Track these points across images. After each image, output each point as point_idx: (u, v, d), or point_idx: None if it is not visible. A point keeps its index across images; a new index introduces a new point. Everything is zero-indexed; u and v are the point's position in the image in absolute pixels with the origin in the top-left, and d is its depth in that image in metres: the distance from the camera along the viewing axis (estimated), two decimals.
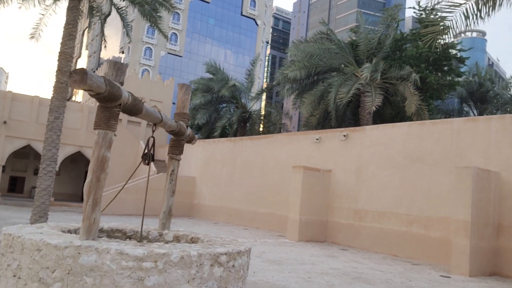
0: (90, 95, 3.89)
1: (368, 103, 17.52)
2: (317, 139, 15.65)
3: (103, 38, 17.62)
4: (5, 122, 22.75)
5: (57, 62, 13.92)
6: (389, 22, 19.75)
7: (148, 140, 5.17)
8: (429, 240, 11.85)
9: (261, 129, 27.67)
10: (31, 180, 28.63)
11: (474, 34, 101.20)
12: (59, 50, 14.00)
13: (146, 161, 5.21)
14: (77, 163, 28.77)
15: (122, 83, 4.21)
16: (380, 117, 20.12)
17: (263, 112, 29.01)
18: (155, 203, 17.31)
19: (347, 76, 18.49)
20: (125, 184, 5.45)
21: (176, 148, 6.03)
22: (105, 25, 18.71)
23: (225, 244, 4.78)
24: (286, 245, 12.73)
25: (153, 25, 15.25)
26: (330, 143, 15.28)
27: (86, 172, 4.16)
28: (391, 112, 20.21)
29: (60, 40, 14.04)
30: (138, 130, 29.26)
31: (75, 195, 28.45)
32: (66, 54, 13.93)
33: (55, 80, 13.92)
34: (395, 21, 19.74)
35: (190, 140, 6.33)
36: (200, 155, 22.37)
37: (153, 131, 5.18)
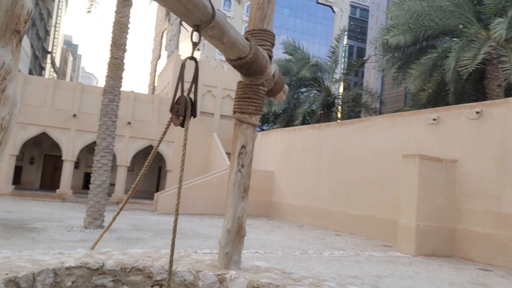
0: None
1: (503, 71, 13.10)
2: (434, 120, 11.84)
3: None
4: (75, 115, 21.69)
5: (111, 34, 11.75)
6: None
7: (182, 67, 2.20)
8: None
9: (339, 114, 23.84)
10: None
11: None
12: (113, 20, 11.81)
13: (180, 118, 2.26)
14: None
15: None
16: (508, 93, 15.47)
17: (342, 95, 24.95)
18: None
19: (469, 38, 14.21)
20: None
21: (250, 101, 2.98)
22: (182, 23, 17.30)
23: None
24: (402, 263, 9.24)
25: None
26: (454, 124, 11.39)
27: (160, 167, 1.55)
28: None
29: (115, 8, 11.83)
30: (211, 122, 27.13)
31: (149, 192, 27.06)
32: (121, 24, 11.66)
33: (109, 56, 11.78)
34: None
35: (277, 89, 3.25)
36: (278, 145, 19.40)
37: (194, 46, 2.19)
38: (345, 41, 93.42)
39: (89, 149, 23.84)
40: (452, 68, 13.76)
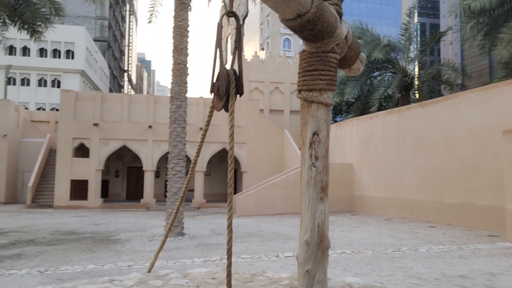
0: None
1: None
2: None
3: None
4: (150, 127, 22.39)
5: (172, 40, 11.66)
6: None
7: (219, 28, 1.62)
8: None
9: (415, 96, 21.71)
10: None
11: None
12: (172, 24, 11.71)
13: (224, 97, 1.69)
14: (225, 162, 27.55)
15: None
16: None
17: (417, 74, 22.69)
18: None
19: None
20: None
21: (318, 74, 2.31)
22: (243, 26, 17.18)
23: None
24: None
25: None
26: None
27: (236, 169, 1.13)
28: None
29: (173, 13, 11.71)
30: (281, 119, 26.60)
31: (226, 194, 27.23)
32: (180, 28, 11.51)
33: (172, 62, 11.69)
34: None
35: (352, 57, 2.56)
36: (355, 136, 18.28)
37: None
38: (416, 19, 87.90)
39: (167, 158, 24.57)
40: None
